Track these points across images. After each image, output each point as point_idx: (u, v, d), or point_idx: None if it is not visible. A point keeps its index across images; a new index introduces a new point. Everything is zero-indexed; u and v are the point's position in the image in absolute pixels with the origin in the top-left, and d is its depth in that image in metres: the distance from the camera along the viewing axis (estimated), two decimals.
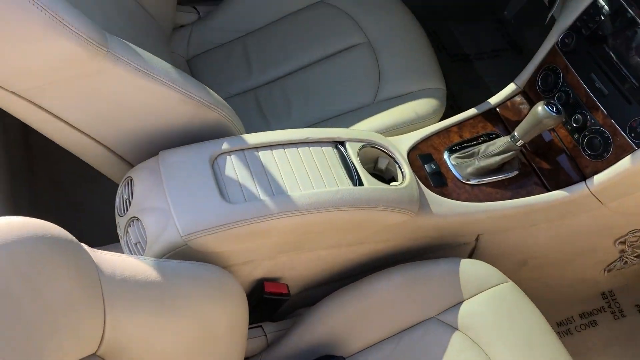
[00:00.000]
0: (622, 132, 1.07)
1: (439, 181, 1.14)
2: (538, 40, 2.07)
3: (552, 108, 1.08)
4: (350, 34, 1.46)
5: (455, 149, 1.20)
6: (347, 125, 1.30)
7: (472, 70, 2.03)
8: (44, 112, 0.85)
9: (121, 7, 1.16)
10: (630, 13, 1.07)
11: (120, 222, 0.93)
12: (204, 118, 0.96)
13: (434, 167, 1.15)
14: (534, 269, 1.33)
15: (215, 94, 0.98)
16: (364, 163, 1.05)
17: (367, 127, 1.29)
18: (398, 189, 1.04)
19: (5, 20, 0.68)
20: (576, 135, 1.15)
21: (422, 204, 1.08)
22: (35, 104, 0.83)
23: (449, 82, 1.47)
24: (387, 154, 1.10)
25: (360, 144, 1.06)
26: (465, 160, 1.17)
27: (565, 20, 1.18)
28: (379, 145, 1.09)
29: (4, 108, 0.85)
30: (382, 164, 1.10)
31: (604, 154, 1.10)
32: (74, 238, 0.60)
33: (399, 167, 1.09)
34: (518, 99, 1.27)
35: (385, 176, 1.12)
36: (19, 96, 0.81)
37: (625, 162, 1.07)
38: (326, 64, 1.44)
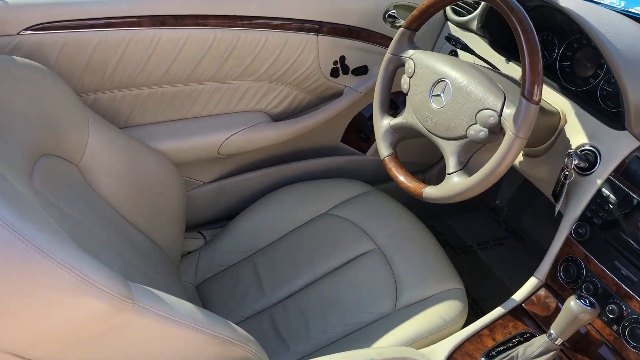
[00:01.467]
0: None
1: None
2: (534, 224, 2.13)
3: (586, 302, 1.04)
4: (358, 242, 1.46)
5: (492, 354, 1.12)
6: (371, 339, 1.24)
7: (479, 261, 2.03)
8: None
9: (135, 246, 1.16)
10: (636, 199, 1.09)
11: None
12: (230, 356, 0.90)
13: None
14: None
15: (241, 330, 0.93)
16: None
17: (394, 340, 1.22)
18: None
19: (29, 289, 0.65)
20: (615, 327, 1.10)
21: None
22: None
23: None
24: None
25: None
26: None
27: (574, 211, 1.19)
28: None
29: None
30: None
31: None
32: None
33: None
34: (542, 292, 1.24)
35: None
36: None
37: None
38: (339, 275, 1.41)
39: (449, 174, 1.17)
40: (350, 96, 1.65)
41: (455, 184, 1.14)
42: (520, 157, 1.37)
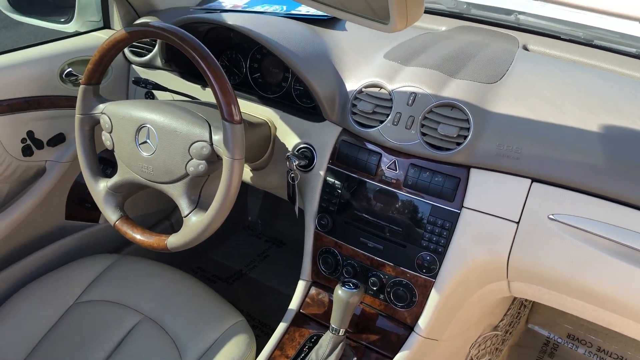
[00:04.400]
0: (416, 273, 1.13)
1: None
2: (290, 226, 2.21)
3: (350, 286, 1.09)
4: (122, 319, 1.33)
5: None
6: None
7: (253, 281, 2.03)
8: None
9: None
10: (356, 177, 1.17)
11: None
12: None
13: None
14: None
15: None
16: None
17: None
18: None
19: None
20: (381, 296, 1.18)
21: None
22: None
23: (237, 307, 1.42)
24: None
25: None
26: None
27: (311, 206, 1.24)
28: None
29: None
30: None
31: (413, 299, 1.14)
32: None
33: None
34: (314, 291, 1.27)
35: None
36: None
37: (434, 297, 1.11)
38: None
39: (185, 217, 1.12)
40: (56, 170, 1.49)
41: (195, 223, 1.10)
42: (249, 173, 1.39)
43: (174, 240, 1.13)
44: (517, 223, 1.04)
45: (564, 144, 1.01)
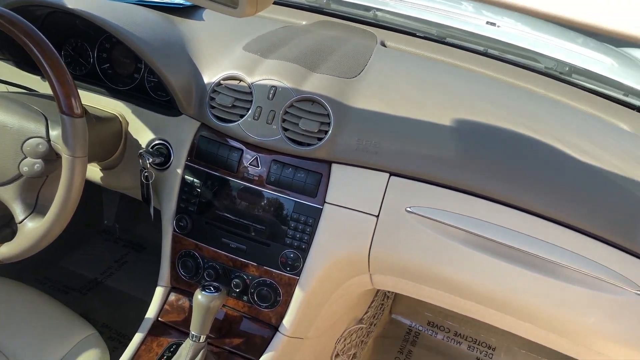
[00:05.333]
0: (280, 272, 1.10)
1: None
2: (150, 230, 2.08)
3: (211, 290, 1.04)
4: None
5: None
6: None
7: (110, 290, 1.88)
8: None
9: None
10: (217, 175, 1.12)
11: None
12: None
13: None
14: None
15: None
16: None
17: None
18: None
19: None
20: (245, 297, 1.13)
21: None
22: None
23: (92, 319, 1.30)
24: None
25: None
26: None
27: (168, 207, 1.16)
28: None
29: None
30: None
31: (277, 298, 1.11)
32: None
33: None
34: (173, 297, 1.19)
35: None
36: None
37: (298, 295, 1.09)
38: None
39: (20, 223, 0.99)
40: None
41: (32, 230, 0.98)
42: (100, 173, 1.28)
43: (6, 250, 1.00)
44: (377, 217, 1.04)
45: (419, 138, 1.03)
